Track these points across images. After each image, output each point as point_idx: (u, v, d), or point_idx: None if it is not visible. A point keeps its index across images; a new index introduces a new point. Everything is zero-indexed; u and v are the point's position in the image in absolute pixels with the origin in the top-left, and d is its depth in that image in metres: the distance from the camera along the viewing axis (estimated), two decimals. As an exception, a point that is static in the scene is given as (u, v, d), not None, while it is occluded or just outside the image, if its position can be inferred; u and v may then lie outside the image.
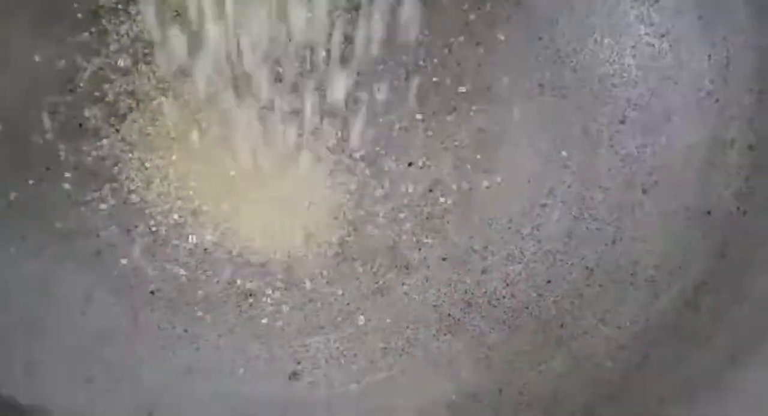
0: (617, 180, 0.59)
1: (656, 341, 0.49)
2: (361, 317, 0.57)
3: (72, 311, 0.54)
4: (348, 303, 0.58)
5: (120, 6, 0.65)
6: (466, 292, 0.57)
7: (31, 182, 0.57)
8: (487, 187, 0.61)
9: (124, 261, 0.56)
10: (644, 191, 0.57)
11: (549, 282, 0.56)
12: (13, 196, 0.56)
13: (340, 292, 0.57)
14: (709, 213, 0.53)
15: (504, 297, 0.57)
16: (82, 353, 0.53)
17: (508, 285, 0.57)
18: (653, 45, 0.61)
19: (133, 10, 0.65)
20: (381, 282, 0.58)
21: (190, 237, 0.58)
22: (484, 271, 0.58)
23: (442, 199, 0.62)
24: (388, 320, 0.56)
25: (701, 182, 0.54)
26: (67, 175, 0.58)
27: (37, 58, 0.61)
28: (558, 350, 0.52)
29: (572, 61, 0.63)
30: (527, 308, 0.56)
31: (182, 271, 0.56)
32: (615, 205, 0.58)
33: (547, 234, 0.59)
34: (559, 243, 0.58)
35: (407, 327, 0.56)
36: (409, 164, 0.61)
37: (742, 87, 0.55)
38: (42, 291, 0.53)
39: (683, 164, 0.56)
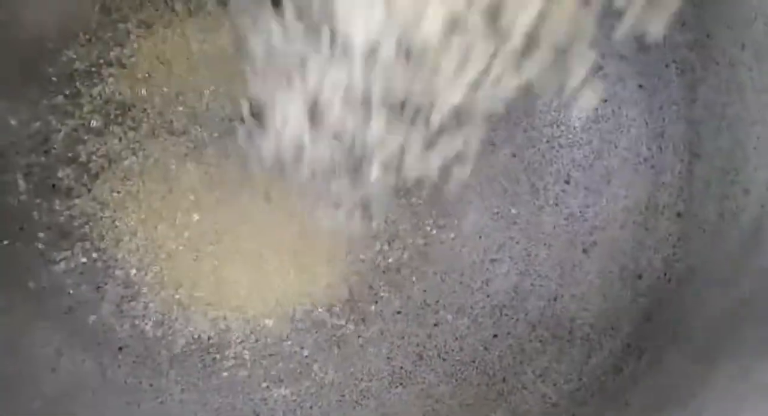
0: (561, 238, 0.62)
1: (583, 402, 0.53)
2: (318, 370, 0.61)
3: (42, 368, 0.57)
4: (306, 356, 0.61)
5: (93, 69, 0.68)
6: (418, 345, 0.61)
7: (5, 242, 0.60)
8: (442, 242, 0.65)
9: (93, 318, 0.60)
10: (584, 251, 0.61)
11: (495, 336, 0.60)
12: (-13, 256, 0.59)
13: (298, 345, 0.61)
14: (640, 277, 0.57)
15: (453, 350, 0.60)
16: (50, 409, 0.56)
17: (457, 338, 0.61)
18: (597, 109, 0.65)
19: (105, 72, 0.68)
20: (338, 335, 0.61)
21: (158, 293, 0.61)
22: (435, 324, 0.62)
23: (399, 254, 0.65)
24: (343, 373, 0.60)
25: (635, 245, 0.58)
26: (40, 234, 0.62)
27: (12, 121, 0.64)
28: (498, 405, 0.56)
29: (523, 122, 0.67)
30: (474, 361, 0.60)
31: (149, 327, 0.60)
32: (558, 262, 0.61)
33: (495, 288, 0.63)
34: (506, 297, 0.62)
35: (362, 380, 0.60)
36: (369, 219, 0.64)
37: (674, 155, 0.59)
38: (13, 349, 0.56)
39: (620, 226, 0.60)
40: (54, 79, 0.66)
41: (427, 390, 0.59)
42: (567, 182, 0.64)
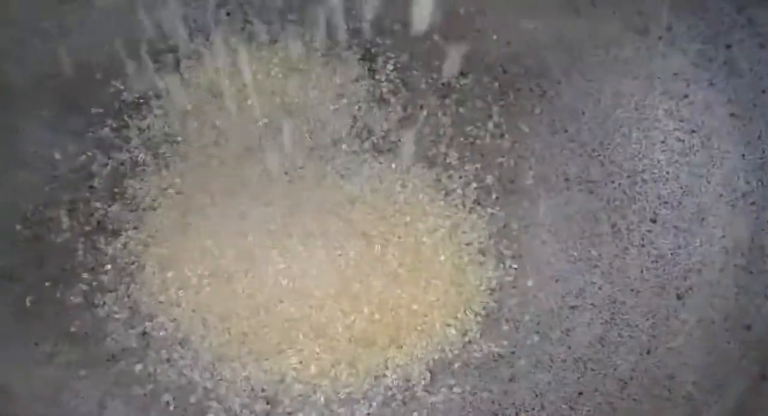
0: (650, 283, 0.56)
1: None
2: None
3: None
4: (368, 414, 0.54)
5: (141, 100, 0.63)
6: (493, 403, 0.54)
7: (47, 284, 0.55)
8: (513, 287, 0.58)
9: (139, 367, 0.54)
10: (679, 297, 0.54)
11: (581, 393, 0.53)
12: (29, 300, 0.54)
13: (362, 404, 0.54)
14: (748, 327, 0.50)
15: (534, 408, 0.54)
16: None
17: (537, 395, 0.54)
18: (683, 140, 0.59)
19: (154, 104, 0.64)
20: (408, 394, 0.55)
21: (207, 342, 0.55)
22: (511, 380, 0.55)
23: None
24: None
25: (739, 291, 0.52)
26: (84, 275, 0.56)
27: (56, 155, 0.59)
28: None
29: (599, 155, 0.62)
30: (558, 421, 0.52)
31: (197, 377, 0.53)
32: (648, 310, 0.55)
33: (578, 339, 0.56)
34: (591, 350, 0.55)
35: None
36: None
37: (780, 189, 0.52)
38: (54, 399, 0.50)
39: (719, 269, 0.53)
40: (100, 110, 0.62)
41: (505, 454, 0.51)
42: (653, 221, 0.58)
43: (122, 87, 0.64)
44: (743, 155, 0.56)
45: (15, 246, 0.57)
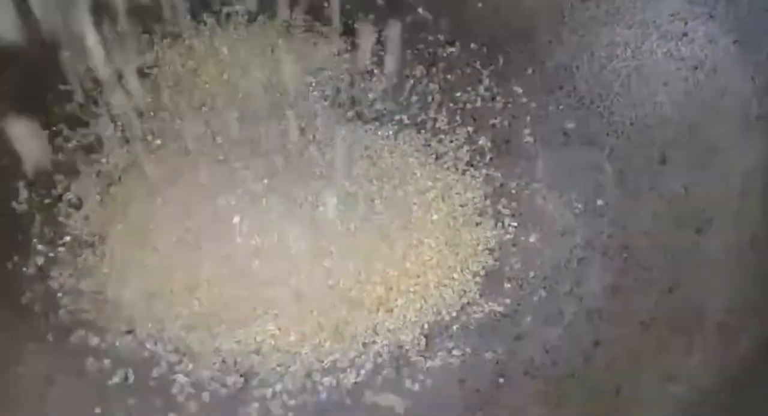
0: (665, 223, 0.50)
1: (740, 390, 0.37)
2: (373, 398, 0.46)
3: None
4: (356, 383, 0.47)
5: (113, 78, 0.60)
6: (497, 363, 0.47)
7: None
8: (514, 245, 0.52)
9: (95, 340, 0.49)
10: (698, 231, 0.48)
11: (597, 344, 0.46)
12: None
13: (355, 371, 0.47)
14: (779, 238, 0.43)
15: (544, 365, 0.46)
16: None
17: (547, 351, 0.46)
18: (686, 79, 0.54)
19: (125, 81, 0.61)
20: (398, 356, 0.48)
21: (174, 312, 0.49)
22: (518, 338, 0.48)
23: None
24: (410, 400, 0.45)
25: (764, 212, 0.45)
26: (40, 247, 0.51)
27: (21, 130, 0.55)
28: None
29: (598, 107, 0.57)
30: (573, 376, 0.45)
31: (161, 351, 0.47)
32: (666, 250, 0.48)
33: (590, 290, 0.49)
34: (605, 299, 0.48)
35: (430, 407, 0.45)
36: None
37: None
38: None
39: (739, 194, 0.46)
40: (68, 87, 0.58)
41: (516, 414, 0.43)
42: (663, 163, 0.52)
43: (91, 66, 0.61)
44: (752, 78, 0.51)
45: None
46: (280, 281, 0.52)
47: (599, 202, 0.55)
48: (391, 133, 0.60)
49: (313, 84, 0.63)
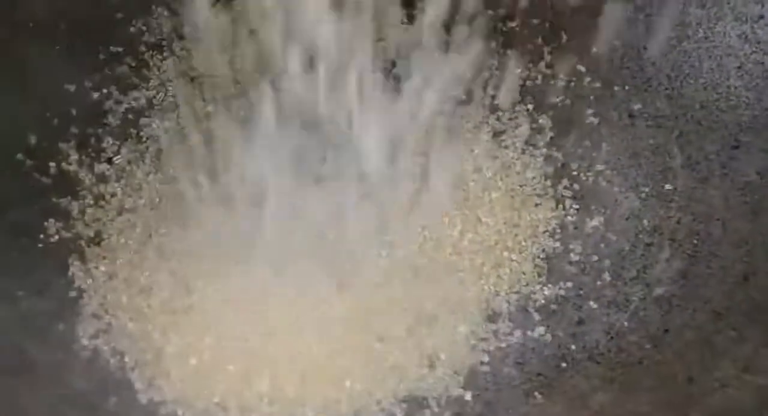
0: (738, 210, 0.48)
1: None
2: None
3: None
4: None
5: (164, 42, 0.59)
6: (559, 347, 0.45)
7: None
8: (576, 228, 0.50)
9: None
10: (776, 218, 0.45)
11: (666, 331, 0.44)
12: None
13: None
14: None
15: (609, 350, 0.45)
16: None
17: (612, 337, 0.45)
18: (762, 63, 0.52)
19: (176, 46, 0.59)
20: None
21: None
22: (580, 322, 0.46)
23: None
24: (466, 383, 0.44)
25: None
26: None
27: (69, 88, 0.54)
28: (691, 408, 0.39)
29: (666, 89, 0.56)
30: (641, 363, 0.43)
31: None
32: (740, 237, 0.46)
33: (657, 277, 0.47)
34: (674, 286, 0.46)
35: (486, 390, 0.44)
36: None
37: None
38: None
39: (821, 181, 0.45)
40: (119, 49, 0.57)
41: (579, 400, 0.42)
42: (736, 147, 0.50)
43: (144, 28, 0.60)
44: (836, 62, 0.49)
45: (17, 176, 0.52)
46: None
47: (667, 187, 0.53)
48: (447, 108, 0.58)
49: (369, 53, 0.61)
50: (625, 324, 0.48)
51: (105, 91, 0.59)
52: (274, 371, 0.46)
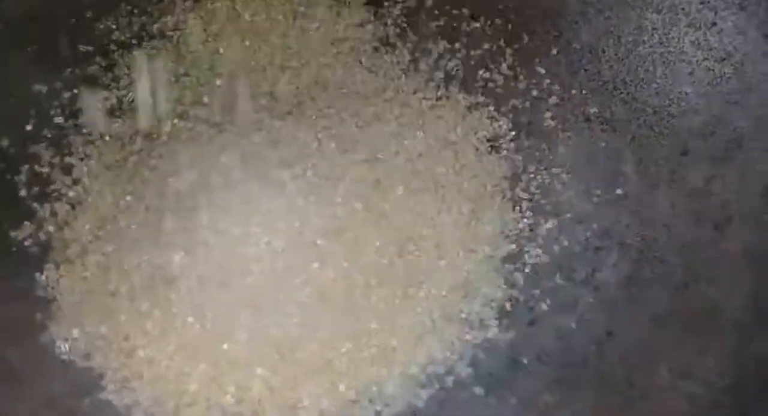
0: (683, 217, 0.49)
1: (756, 393, 0.38)
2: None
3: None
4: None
5: (133, 41, 0.59)
6: (512, 348, 0.47)
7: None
8: (531, 230, 0.52)
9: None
10: (716, 227, 0.47)
11: (610, 334, 0.46)
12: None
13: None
14: (800, 243, 0.43)
15: (556, 352, 0.46)
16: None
17: (560, 338, 0.47)
18: (713, 70, 0.53)
19: (146, 45, 0.59)
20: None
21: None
22: (531, 323, 0.48)
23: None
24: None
25: (786, 213, 0.45)
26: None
27: (40, 89, 0.54)
28: (629, 412, 0.41)
29: (622, 93, 0.56)
30: (586, 364, 0.45)
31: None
32: (683, 244, 0.48)
33: (605, 280, 0.49)
34: (620, 290, 0.48)
35: (441, 390, 0.46)
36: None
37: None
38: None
39: (762, 196, 0.46)
40: (89, 48, 0.57)
41: (527, 400, 0.44)
42: (684, 154, 0.52)
43: (114, 26, 0.59)
44: (782, 75, 0.50)
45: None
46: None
47: (618, 191, 0.55)
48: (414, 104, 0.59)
49: (334, 54, 0.62)
50: (573, 326, 0.50)
51: (75, 91, 0.59)
52: (241, 371, 0.47)
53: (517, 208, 0.57)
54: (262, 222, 0.49)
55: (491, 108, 0.60)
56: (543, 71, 0.61)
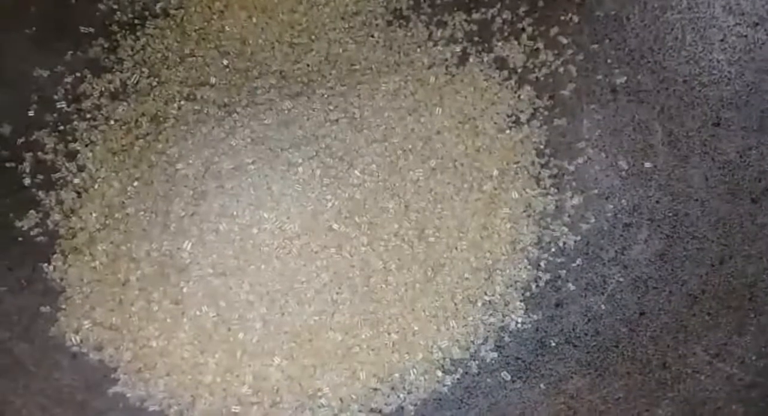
0: (718, 190, 0.48)
1: None
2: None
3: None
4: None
5: (136, 21, 0.58)
6: (537, 331, 0.46)
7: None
8: (557, 207, 0.50)
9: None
10: (754, 200, 0.46)
11: (642, 314, 0.44)
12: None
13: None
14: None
15: (586, 334, 0.45)
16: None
17: (589, 320, 0.45)
18: (746, 36, 0.51)
19: (150, 24, 0.58)
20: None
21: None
22: (558, 305, 0.47)
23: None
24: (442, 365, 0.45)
25: (827, 180, 0.43)
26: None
27: (42, 73, 0.53)
28: (662, 396, 0.40)
29: (649, 62, 0.55)
30: (617, 346, 0.44)
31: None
32: (717, 219, 0.46)
33: (635, 258, 0.48)
34: (650, 268, 0.47)
35: (466, 374, 0.45)
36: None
37: None
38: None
39: (800, 163, 0.44)
40: (91, 30, 0.56)
41: (556, 384, 0.43)
42: (717, 124, 0.50)
43: (115, 6, 0.58)
44: (819, 37, 0.48)
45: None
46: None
47: (647, 165, 0.53)
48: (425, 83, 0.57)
49: (345, 29, 0.60)
50: (602, 306, 0.49)
51: (78, 74, 0.58)
52: (257, 360, 0.47)
53: (541, 184, 0.55)
54: (275, 207, 0.48)
55: (512, 81, 0.59)
56: (565, 41, 0.59)
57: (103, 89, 0.57)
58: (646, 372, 0.45)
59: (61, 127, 0.56)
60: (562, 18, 0.59)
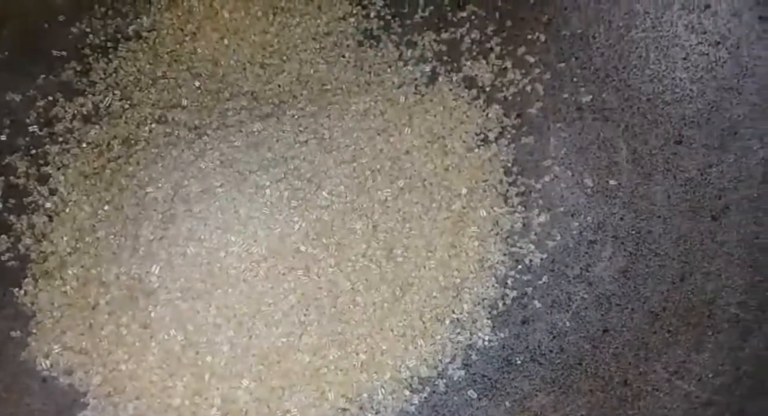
0: (680, 208, 0.49)
1: (753, 392, 0.37)
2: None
3: None
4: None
5: (109, 43, 0.59)
6: (504, 348, 0.47)
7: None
8: (524, 225, 0.52)
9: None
10: (714, 218, 0.47)
11: (605, 331, 0.46)
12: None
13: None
14: (798, 232, 0.43)
15: (551, 351, 0.46)
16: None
17: (554, 337, 0.47)
18: (707, 54, 0.53)
19: (122, 47, 0.59)
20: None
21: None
22: (524, 322, 0.48)
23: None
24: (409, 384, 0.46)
25: (785, 201, 0.44)
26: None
27: (14, 97, 0.54)
28: (624, 412, 0.41)
29: (613, 80, 0.56)
30: (580, 364, 0.45)
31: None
32: (679, 236, 0.48)
33: (599, 275, 0.49)
34: (614, 285, 0.48)
35: (433, 393, 0.46)
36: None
37: (820, 86, 0.46)
38: None
39: (760, 183, 0.46)
40: (63, 53, 0.57)
41: (521, 402, 0.44)
42: (679, 143, 0.51)
43: (88, 29, 0.59)
44: (778, 57, 0.50)
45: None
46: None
47: (612, 182, 0.54)
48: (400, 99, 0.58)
49: (317, 49, 0.61)
50: (567, 323, 0.50)
51: (50, 98, 0.59)
52: (226, 383, 0.47)
53: (509, 202, 0.56)
54: (242, 230, 0.49)
55: (480, 100, 0.60)
56: (532, 60, 0.61)
57: (75, 112, 0.58)
58: (608, 389, 0.46)
59: (33, 151, 0.56)
60: (530, 37, 0.60)
